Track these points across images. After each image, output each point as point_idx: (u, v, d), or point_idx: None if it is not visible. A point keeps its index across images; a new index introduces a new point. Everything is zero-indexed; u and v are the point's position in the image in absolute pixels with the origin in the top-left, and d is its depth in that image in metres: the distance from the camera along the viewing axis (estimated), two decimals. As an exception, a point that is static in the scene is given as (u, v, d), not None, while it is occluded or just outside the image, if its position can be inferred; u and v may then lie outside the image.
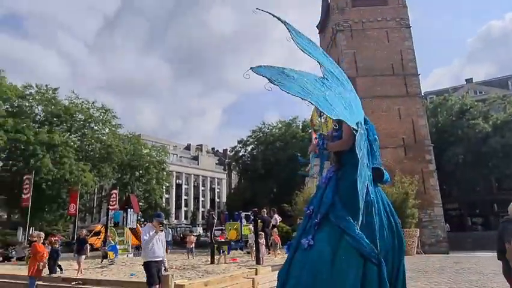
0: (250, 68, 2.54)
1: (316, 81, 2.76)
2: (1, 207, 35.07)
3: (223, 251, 12.89)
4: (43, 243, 10.44)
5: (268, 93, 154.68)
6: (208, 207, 70.23)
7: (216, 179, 78.84)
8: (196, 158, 77.48)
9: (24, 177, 25.90)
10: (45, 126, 33.15)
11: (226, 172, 79.82)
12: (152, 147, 45.82)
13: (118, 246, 15.59)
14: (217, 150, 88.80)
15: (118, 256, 15.17)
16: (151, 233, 6.30)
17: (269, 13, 2.71)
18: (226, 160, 78.76)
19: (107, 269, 12.39)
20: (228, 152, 73.24)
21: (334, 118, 2.89)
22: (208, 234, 22.01)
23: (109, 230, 17.13)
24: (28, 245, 22.46)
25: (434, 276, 9.26)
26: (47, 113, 34.68)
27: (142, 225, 38.62)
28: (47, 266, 10.11)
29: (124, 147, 38.15)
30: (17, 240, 29.09)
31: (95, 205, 47.18)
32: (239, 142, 52.57)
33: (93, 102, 36.90)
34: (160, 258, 6.51)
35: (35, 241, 10.47)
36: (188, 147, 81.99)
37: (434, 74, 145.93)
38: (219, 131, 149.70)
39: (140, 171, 43.03)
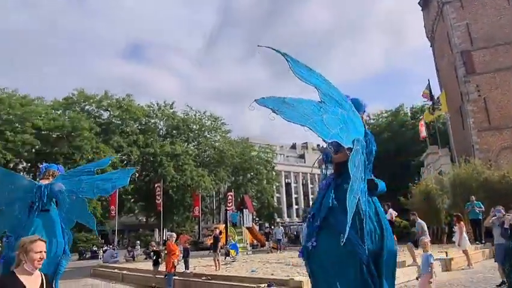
0: (255, 100, 2.79)
1: (314, 106, 2.99)
2: (140, 212, 40.65)
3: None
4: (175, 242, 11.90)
5: (368, 84, 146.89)
6: (319, 204, 69.98)
7: (325, 175, 78.05)
8: (302, 156, 78.00)
9: (156, 185, 29.67)
10: (168, 139, 37.47)
11: (334, 167, 78.31)
12: (260, 148, 47.81)
13: (238, 245, 16.72)
14: (323, 147, 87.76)
15: (239, 254, 16.27)
16: None
17: (270, 48, 2.92)
18: (333, 155, 77.17)
19: (230, 265, 13.35)
20: (334, 147, 71.80)
21: (329, 140, 3.12)
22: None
23: (228, 229, 18.48)
24: (163, 244, 25.64)
25: None
26: (168, 126, 39.20)
27: (257, 224, 40.25)
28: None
29: (234, 151, 40.69)
30: (155, 240, 33.42)
31: (214, 207, 51.26)
32: (345, 136, 51.17)
33: (204, 112, 40.34)
34: None
35: (169, 240, 12.03)
36: (294, 146, 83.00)
37: None
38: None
39: (251, 173, 45.30)
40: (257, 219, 43.54)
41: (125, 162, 34.84)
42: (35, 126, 29.13)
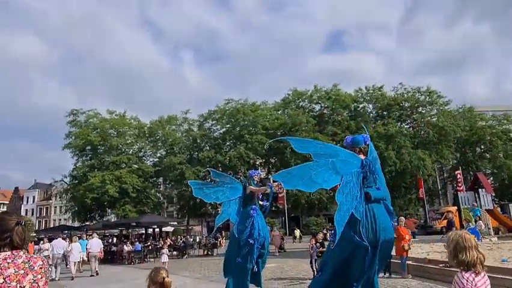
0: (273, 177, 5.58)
1: (308, 168, 4.64)
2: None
3: None
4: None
5: None
6: None
7: None
8: (555, 118, 60.87)
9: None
10: (378, 121, 36.79)
11: None
12: (492, 117, 40.45)
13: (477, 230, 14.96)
14: None
15: (481, 239, 14.58)
16: None
17: (275, 140, 4.54)
18: None
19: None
20: None
21: (313, 191, 5.30)
22: None
23: (463, 212, 16.76)
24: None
25: None
26: (377, 109, 38.47)
27: (498, 206, 34.68)
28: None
29: (456, 125, 36.04)
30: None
31: (439, 187, 46.89)
32: None
33: (418, 89, 37.39)
34: None
35: (398, 225, 12.09)
36: (539, 107, 65.82)
37: None
38: None
39: (482, 147, 38.98)
40: (497, 200, 37.21)
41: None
42: (263, 127, 34.57)
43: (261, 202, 8.39)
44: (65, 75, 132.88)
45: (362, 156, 4.90)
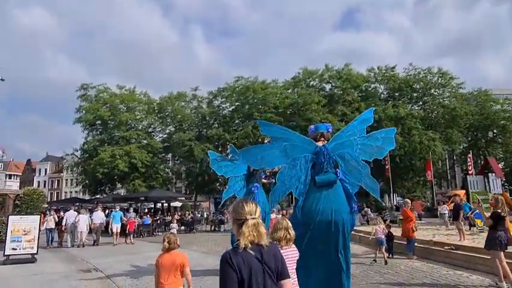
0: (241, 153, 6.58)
1: (262, 148, 5.45)
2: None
3: None
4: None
5: None
6: None
7: None
8: None
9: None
10: (389, 102, 36.21)
11: None
12: (505, 100, 39.52)
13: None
14: None
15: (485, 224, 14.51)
16: None
17: (256, 123, 5.02)
18: None
19: (478, 236, 12.24)
20: None
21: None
22: None
23: (471, 196, 16.66)
24: (395, 210, 25.65)
25: None
26: (389, 89, 37.77)
27: (508, 191, 34.33)
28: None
29: (469, 109, 35.35)
30: (386, 206, 33.64)
31: (448, 169, 46.54)
32: None
33: (428, 69, 36.54)
34: None
35: (404, 206, 12.12)
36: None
37: None
38: None
39: (494, 131, 38.29)
40: (506, 184, 36.92)
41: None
42: (273, 105, 34.34)
43: (264, 180, 8.77)
44: (75, 50, 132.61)
45: (320, 143, 5.33)
